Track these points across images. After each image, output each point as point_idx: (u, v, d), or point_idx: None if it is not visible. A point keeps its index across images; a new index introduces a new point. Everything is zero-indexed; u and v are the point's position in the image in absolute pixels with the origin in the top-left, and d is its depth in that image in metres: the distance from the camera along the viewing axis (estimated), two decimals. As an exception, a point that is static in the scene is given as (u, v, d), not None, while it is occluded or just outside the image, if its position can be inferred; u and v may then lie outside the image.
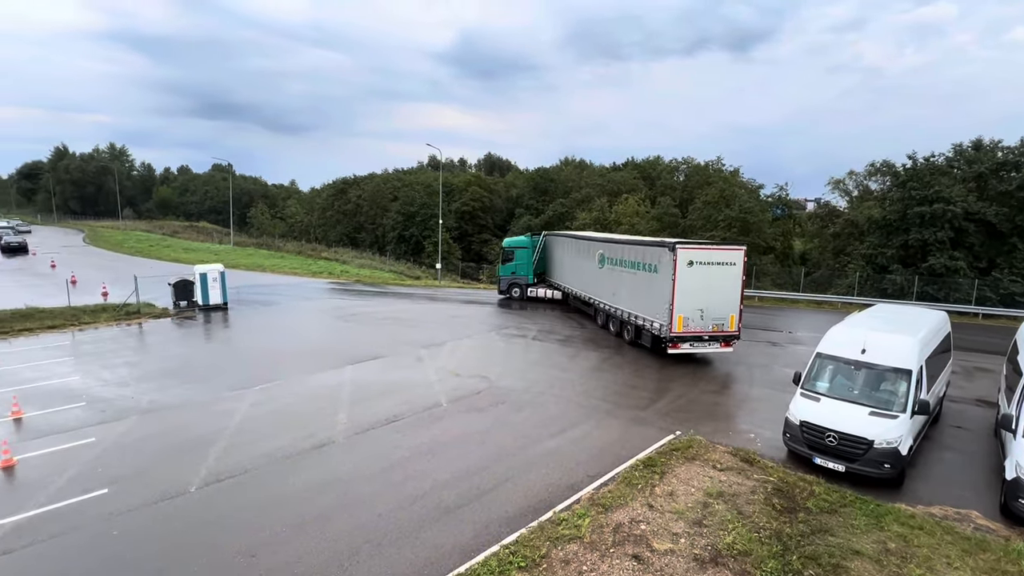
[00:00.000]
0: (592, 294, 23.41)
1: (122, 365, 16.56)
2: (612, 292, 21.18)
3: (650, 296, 18.05)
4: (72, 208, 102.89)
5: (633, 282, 19.36)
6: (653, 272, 17.84)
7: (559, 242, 28.91)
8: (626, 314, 19.86)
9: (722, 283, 16.98)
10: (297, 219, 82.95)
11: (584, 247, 24.68)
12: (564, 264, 27.74)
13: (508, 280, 30.26)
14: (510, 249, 30.40)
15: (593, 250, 23.28)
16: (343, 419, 12.38)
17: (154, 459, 10.31)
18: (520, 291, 30.08)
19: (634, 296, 19.35)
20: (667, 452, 10.65)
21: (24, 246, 48.16)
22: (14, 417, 12.14)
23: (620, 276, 20.47)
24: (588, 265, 23.77)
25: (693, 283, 16.61)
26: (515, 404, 13.57)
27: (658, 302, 17.37)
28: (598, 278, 22.66)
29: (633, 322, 19.30)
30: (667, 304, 16.73)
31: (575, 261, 25.80)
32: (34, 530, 7.97)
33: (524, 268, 29.99)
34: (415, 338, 20.68)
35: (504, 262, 30.47)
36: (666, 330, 16.93)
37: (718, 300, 16.98)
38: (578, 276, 25.43)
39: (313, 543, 7.69)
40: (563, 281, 27.88)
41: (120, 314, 23.34)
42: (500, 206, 72.90)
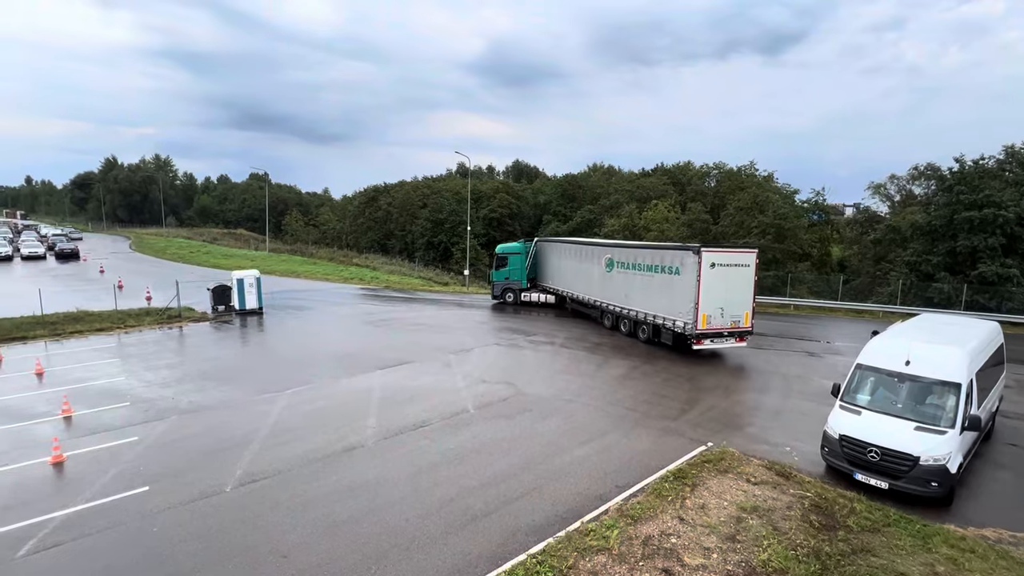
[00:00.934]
0: (599, 297, 23.97)
1: (164, 367, 17.21)
2: (624, 294, 21.98)
3: (672, 297, 19.07)
4: (120, 216, 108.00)
5: (649, 284, 20.33)
6: (675, 274, 18.86)
7: (554, 248, 29.32)
8: (641, 314, 20.82)
9: (738, 283, 18.40)
10: (330, 226, 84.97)
11: (587, 252, 25.24)
12: (561, 269, 28.14)
13: (502, 285, 30.80)
14: (504, 255, 30.95)
15: (599, 255, 23.94)
16: (372, 423, 12.55)
17: (192, 458, 10.66)
18: (514, 296, 30.65)
19: (651, 297, 20.29)
20: (698, 464, 10.40)
21: (76, 252, 50.76)
22: (64, 415, 12.75)
23: (633, 279, 21.38)
24: (593, 269, 24.42)
25: (714, 283, 17.87)
26: (542, 412, 13.49)
27: (682, 302, 18.47)
28: (606, 282, 23.34)
29: (650, 322, 20.35)
30: (692, 303, 17.90)
31: (576, 265, 26.29)
32: (81, 524, 8.32)
33: (518, 273, 30.52)
34: (443, 344, 20.83)
35: (498, 268, 30.98)
36: (691, 328, 18.06)
37: (735, 299, 18.36)
38: (580, 280, 25.90)
39: (343, 545, 7.79)
40: (560, 285, 28.38)
41: (162, 318, 24.30)
42: (528, 213, 73.02)
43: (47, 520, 8.39)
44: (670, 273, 19.19)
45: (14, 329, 20.95)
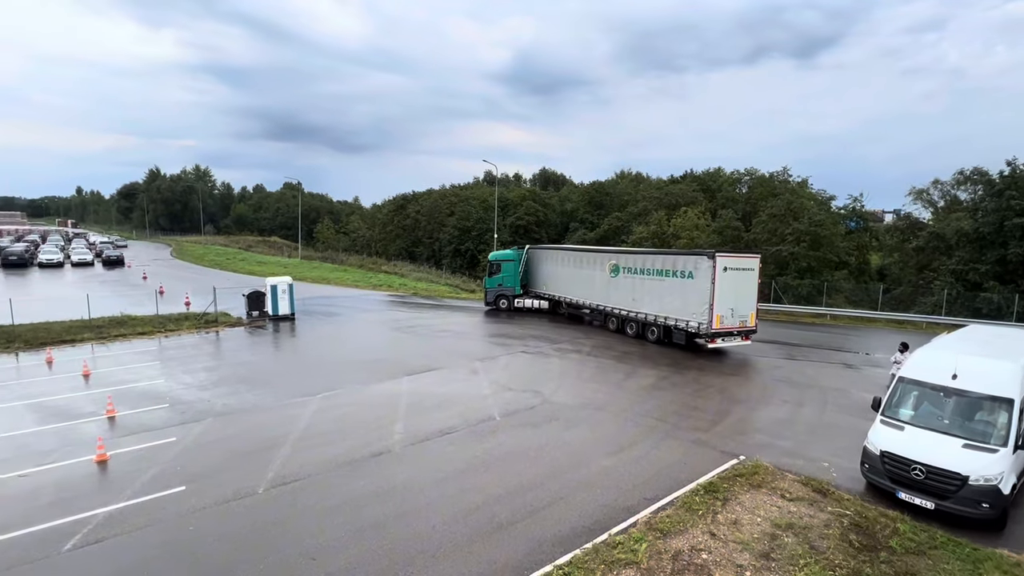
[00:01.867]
0: (602, 301, 24.97)
1: (201, 370, 17.78)
2: (631, 298, 23.15)
3: (685, 299, 20.42)
4: (162, 224, 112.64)
5: (660, 288, 21.64)
6: (688, 278, 20.25)
7: (548, 255, 30.09)
8: (651, 317, 22.15)
9: (745, 286, 20.11)
10: (359, 234, 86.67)
11: (588, 259, 26.25)
12: (557, 275, 28.88)
13: (495, 292, 31.20)
14: (497, 262, 31.43)
15: (601, 261, 25.01)
16: (400, 429, 12.66)
17: (227, 460, 10.95)
18: (507, 302, 31.07)
19: (662, 300, 21.61)
20: (730, 478, 10.11)
21: (121, 259, 53.14)
22: (108, 415, 13.29)
23: (642, 283, 22.59)
24: (595, 275, 25.37)
25: (726, 286, 19.43)
26: (569, 420, 13.37)
27: (696, 304, 19.85)
28: (610, 287, 24.35)
29: (661, 323, 21.73)
30: (707, 305, 19.33)
31: (574, 272, 27.18)
32: (123, 521, 8.63)
33: (511, 280, 30.94)
34: (469, 350, 20.91)
35: (491, 275, 31.38)
36: (706, 327, 19.49)
37: (743, 300, 20.02)
38: (579, 286, 26.76)
39: (370, 550, 7.86)
40: (555, 291, 29.09)
41: (200, 322, 25.15)
42: (554, 220, 72.95)
43: (91, 516, 8.73)
44: (683, 277, 20.50)
45: (64, 332, 22.01)
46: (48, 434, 12.25)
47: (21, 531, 8.29)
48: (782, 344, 23.02)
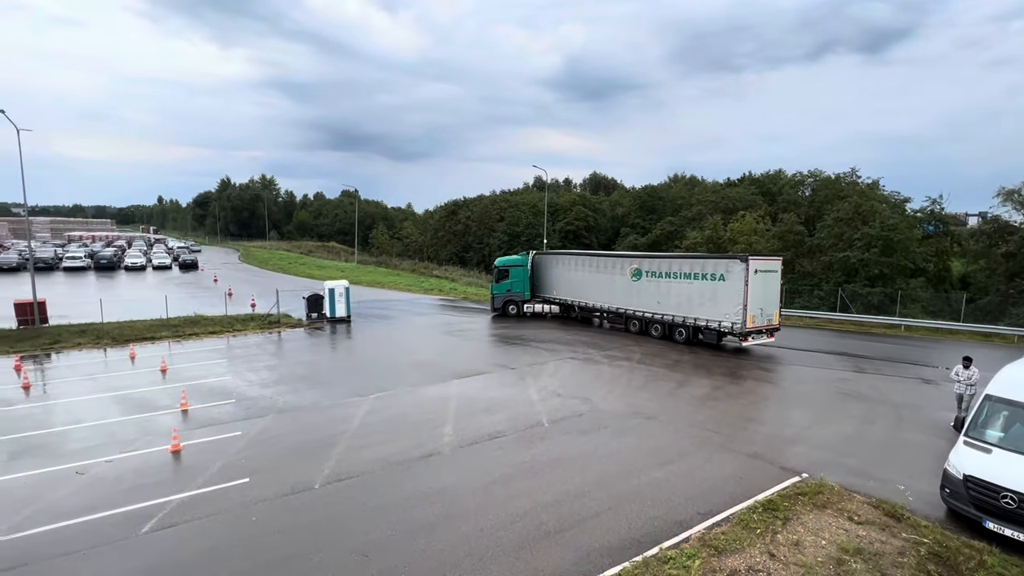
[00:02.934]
0: (623, 305, 25.68)
1: (264, 368, 18.77)
2: (656, 301, 23.93)
3: (716, 301, 21.45)
4: (231, 230, 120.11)
5: (689, 291, 22.51)
6: (719, 280, 21.26)
7: (558, 260, 30.32)
8: (679, 318, 23.08)
9: (771, 286, 21.36)
10: (412, 239, 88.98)
11: (606, 263, 26.94)
12: (569, 280, 29.22)
13: (503, 297, 31.02)
14: (505, 268, 31.31)
15: (622, 265, 25.76)
16: (449, 432, 12.83)
17: (286, 455, 11.47)
18: (516, 307, 31.07)
19: (691, 302, 22.48)
20: (791, 496, 9.57)
21: (195, 263, 57.10)
22: (182, 409, 14.26)
23: (668, 286, 23.39)
24: (615, 279, 26.05)
25: (756, 287, 20.54)
26: (618, 429, 13.11)
27: (729, 305, 20.93)
28: (632, 290, 25.08)
29: (690, 324, 22.68)
30: (741, 306, 20.50)
31: (590, 276, 27.71)
32: (193, 508, 9.22)
33: (520, 285, 30.98)
34: (518, 356, 20.95)
35: (498, 280, 31.15)
36: (740, 327, 20.63)
37: (769, 300, 21.33)
38: (596, 290, 27.30)
39: (419, 550, 7.99)
40: (568, 295, 29.42)
41: (264, 323, 26.58)
42: (605, 225, 72.07)
43: (166, 502, 9.38)
44: (713, 280, 21.53)
45: (145, 330, 23.86)
46: (130, 424, 13.29)
47: (106, 512, 9.01)
48: (849, 356, 21.63)
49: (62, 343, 21.73)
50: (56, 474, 10.47)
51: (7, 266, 47.27)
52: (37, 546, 8.06)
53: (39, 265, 45.95)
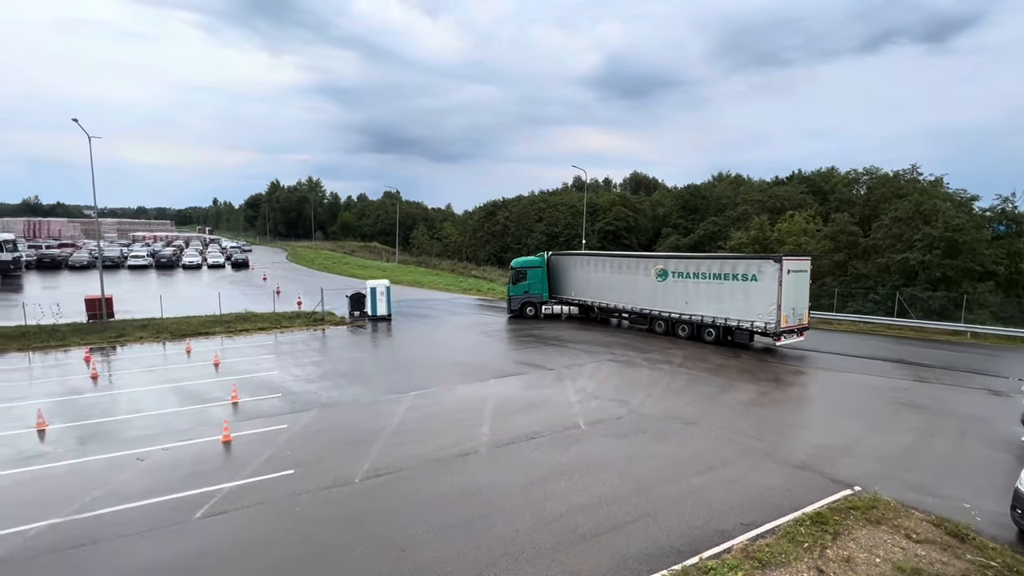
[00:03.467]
0: (648, 305, 25.71)
1: (309, 364, 19.42)
2: (684, 301, 23.95)
3: (747, 301, 21.55)
4: (280, 231, 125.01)
5: (719, 291, 22.52)
6: (752, 281, 21.35)
7: (576, 261, 30.17)
8: (708, 318, 23.08)
9: (801, 286, 21.68)
10: (451, 240, 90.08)
11: (629, 264, 26.91)
12: (588, 281, 29.09)
13: (521, 299, 30.74)
14: (522, 269, 31.00)
15: (646, 266, 25.80)
16: (486, 431, 12.90)
17: (329, 449, 11.82)
18: (534, 309, 30.86)
19: (722, 303, 22.46)
20: (842, 510, 9.11)
21: (247, 262, 59.74)
22: (233, 401, 14.92)
23: (696, 287, 23.39)
24: (638, 280, 26.05)
25: (788, 287, 20.76)
26: (658, 434, 12.84)
27: (762, 305, 21.08)
28: (658, 291, 25.12)
29: (720, 324, 22.70)
30: (774, 305, 20.65)
31: (612, 277, 27.61)
32: (242, 497, 9.63)
33: (538, 286, 30.76)
34: (555, 357, 20.86)
35: (515, 282, 30.79)
36: (774, 327, 20.76)
37: (800, 300, 21.64)
38: (618, 291, 27.22)
39: (456, 547, 8.06)
40: (587, 296, 29.29)
41: (309, 320, 27.51)
42: (645, 225, 70.82)
43: (217, 490, 9.84)
44: (745, 280, 21.59)
45: (200, 326, 25.13)
46: (186, 414, 14.03)
47: (163, 497, 9.54)
48: (908, 364, 20.42)
49: (126, 336, 23.16)
50: (120, 459, 11.16)
51: (79, 264, 50.82)
52: (103, 526, 8.62)
53: (107, 263, 49.16)
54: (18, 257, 45.10)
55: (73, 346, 21.62)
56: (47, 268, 50.41)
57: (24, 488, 9.98)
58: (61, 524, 8.66)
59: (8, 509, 9.18)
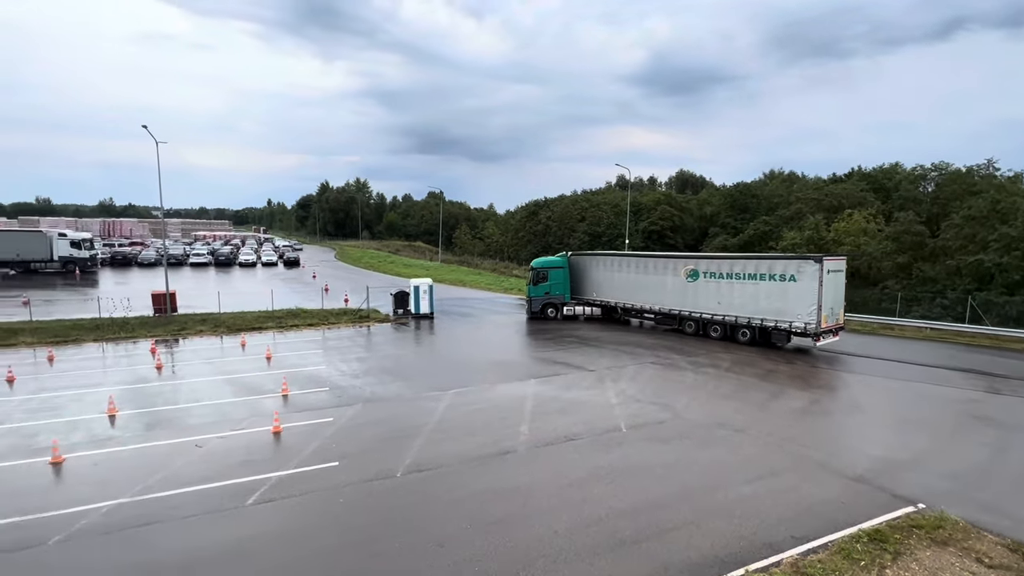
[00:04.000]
0: (677, 306, 25.30)
1: (354, 360, 19.98)
2: (716, 302, 23.57)
3: (786, 301, 21.25)
4: (328, 231, 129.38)
5: (755, 291, 22.22)
6: (790, 281, 21.04)
7: (600, 261, 29.73)
8: (743, 319, 22.76)
9: (838, 286, 21.59)
10: (493, 239, 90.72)
11: (657, 264, 26.49)
12: (612, 281, 28.64)
13: (542, 300, 30.00)
14: (543, 270, 30.25)
15: (674, 266, 25.42)
16: (525, 431, 12.88)
17: (372, 443, 12.11)
18: (556, 310, 30.10)
19: (758, 303, 22.17)
20: (904, 528, 8.54)
21: (297, 260, 62.23)
22: (283, 394, 15.54)
23: (730, 287, 23.04)
24: (667, 280, 25.60)
25: (828, 287, 20.54)
26: (703, 440, 12.44)
27: (801, 305, 20.76)
28: (687, 291, 24.73)
29: (755, 325, 22.44)
30: (815, 306, 20.36)
31: (637, 277, 27.22)
32: (290, 486, 10.01)
33: (560, 287, 30.08)
34: (596, 358, 20.60)
35: (535, 283, 30.08)
36: (814, 327, 20.44)
37: (837, 300, 21.53)
38: (645, 291, 26.80)
39: (493, 545, 8.08)
40: (611, 297, 28.80)
41: (355, 317, 28.32)
42: (692, 225, 69.03)
43: (267, 478, 10.26)
44: (783, 280, 21.28)
45: (254, 321, 26.34)
46: (240, 405, 14.71)
47: (218, 483, 10.04)
48: (981, 374, 18.94)
49: (187, 330, 24.56)
50: (180, 445, 11.83)
51: (147, 261, 54.35)
52: (163, 508, 9.16)
53: (171, 261, 52.32)
54: (94, 255, 48.75)
55: (141, 338, 23.11)
56: (119, 265, 54.19)
57: (97, 469, 10.74)
58: (128, 504, 9.26)
59: (84, 487, 9.90)
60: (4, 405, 14.42)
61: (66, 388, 15.99)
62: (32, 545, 8.05)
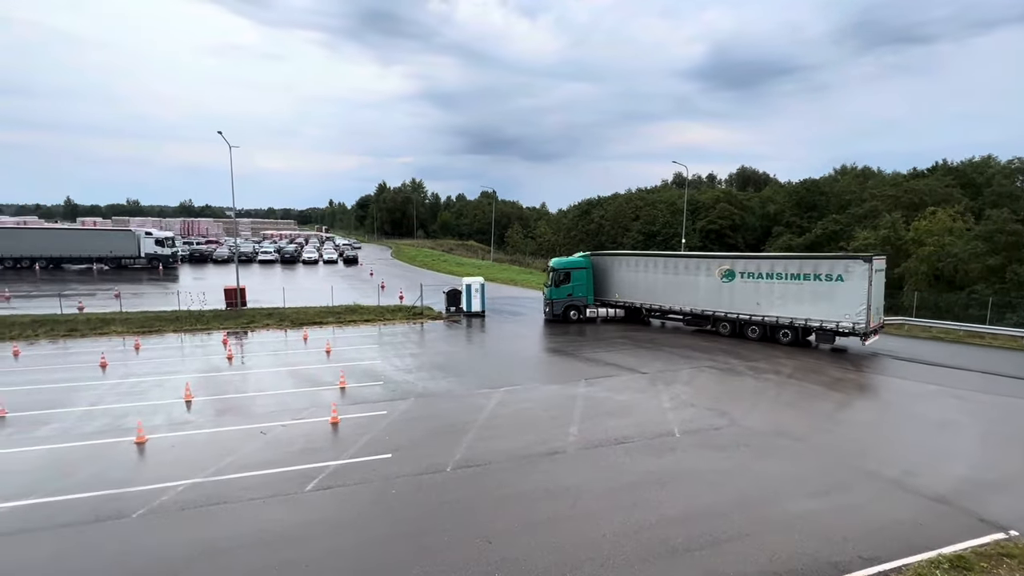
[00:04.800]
0: (712, 306, 24.77)
1: (408, 355, 20.52)
2: (755, 302, 23.30)
3: (832, 301, 21.10)
4: (385, 230, 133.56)
5: (798, 291, 22.03)
6: (837, 281, 20.94)
7: (625, 261, 28.84)
8: (785, 319, 22.50)
9: (880, 286, 21.63)
10: (545, 238, 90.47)
11: (689, 264, 25.83)
12: (637, 282, 27.85)
13: (565, 303, 28.63)
14: (565, 270, 28.83)
15: (707, 266, 24.94)
16: (574, 432, 12.76)
17: (423, 437, 12.39)
18: (578, 312, 28.80)
19: (801, 303, 21.97)
20: (993, 556, 7.78)
21: (356, 258, 64.72)
22: (341, 386, 16.18)
23: (769, 288, 22.82)
24: (699, 280, 25.03)
25: (874, 287, 20.64)
26: (761, 449, 11.86)
27: (849, 305, 20.69)
28: (723, 292, 24.25)
29: (799, 325, 22.18)
30: (863, 306, 20.35)
31: (666, 278, 26.48)
32: (345, 475, 10.41)
33: (583, 289, 28.84)
34: (649, 360, 20.11)
35: (557, 284, 28.57)
36: (862, 327, 20.49)
37: (879, 299, 21.63)
38: (676, 291, 26.11)
39: (540, 544, 8.05)
40: (636, 298, 27.96)
41: (409, 314, 29.09)
42: (753, 224, 66.02)
43: (325, 467, 10.72)
44: (829, 280, 21.14)
45: (315, 316, 27.61)
46: (301, 395, 15.46)
47: (280, 469, 10.59)
48: (1088, 389, 16.94)
49: (255, 323, 26.08)
50: (247, 432, 12.58)
51: (220, 259, 58.26)
52: (232, 489, 9.76)
53: (242, 258, 55.86)
54: (175, 252, 52.80)
55: (214, 330, 24.77)
56: (196, 261, 58.34)
57: (175, 450, 11.61)
58: (200, 483, 9.95)
59: (163, 467, 10.73)
60: (98, 388, 15.88)
61: (149, 374, 17.39)
62: (120, 516, 8.81)
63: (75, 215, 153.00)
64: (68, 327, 23.55)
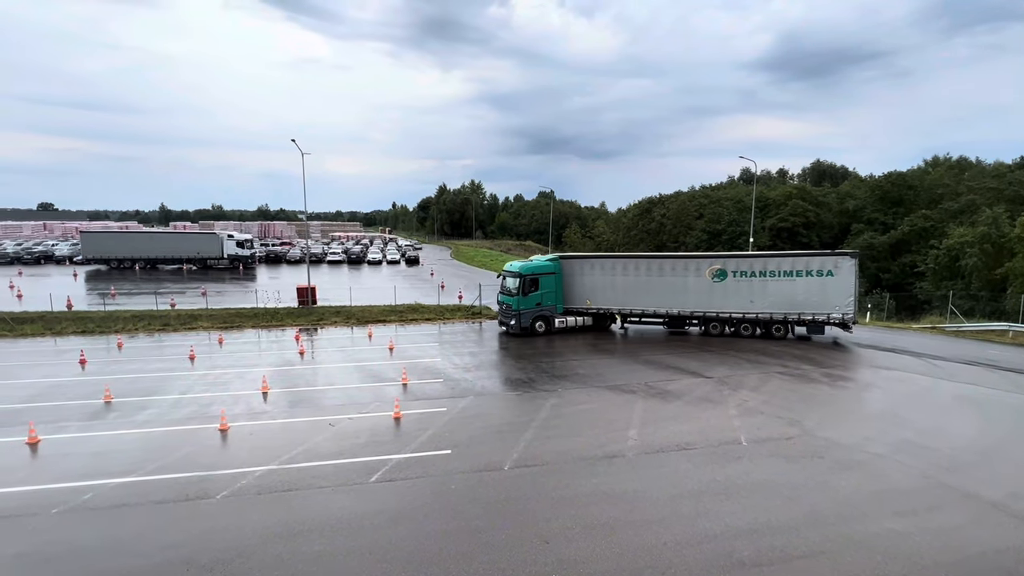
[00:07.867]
0: (702, 307, 24.46)
1: (467, 354, 20.88)
2: (749, 300, 23.67)
3: (825, 295, 22.54)
4: (445, 231, 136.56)
5: (791, 288, 23.00)
6: (828, 276, 22.39)
7: (599, 264, 26.31)
8: (779, 315, 23.37)
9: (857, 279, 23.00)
10: (604, 238, 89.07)
11: (675, 265, 25.09)
12: (614, 286, 25.64)
13: (533, 313, 24.79)
14: (532, 276, 24.90)
15: (696, 267, 24.59)
16: (634, 436, 12.49)
17: (482, 435, 12.56)
18: (546, 324, 25.16)
19: (794, 299, 23.00)
20: (1119, 595, 6.84)
21: (417, 259, 66.68)
22: (403, 383, 16.72)
23: (763, 285, 23.40)
24: (688, 281, 24.56)
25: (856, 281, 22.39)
26: (839, 462, 11.08)
27: (839, 298, 22.35)
28: (715, 291, 24.12)
29: (792, 319, 23.33)
30: (852, 297, 22.24)
31: (650, 280, 25.20)
32: (407, 468, 10.74)
33: (552, 297, 25.43)
34: (715, 364, 19.33)
35: (525, 292, 24.54)
36: (850, 317, 22.40)
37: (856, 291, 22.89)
38: (660, 294, 25.03)
39: (599, 548, 7.94)
40: (612, 304, 25.73)
41: (468, 314, 29.59)
42: (830, 221, 61.77)
43: (388, 459, 11.12)
44: (821, 276, 22.47)
45: (379, 314, 28.70)
46: (367, 390, 16.12)
47: (347, 460, 11.10)
48: None
49: (324, 320, 27.47)
50: (317, 423, 13.28)
51: (293, 259, 61.84)
52: (303, 477, 10.34)
53: (312, 259, 58.92)
54: (254, 253, 56.64)
55: (287, 326, 26.33)
56: (272, 262, 62.24)
57: (252, 438, 12.46)
58: (275, 470, 10.61)
59: (243, 453, 11.55)
60: (188, 378, 17.31)
61: (231, 367, 18.75)
62: (205, 496, 9.57)
63: (168, 220, 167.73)
64: (162, 322, 25.86)
